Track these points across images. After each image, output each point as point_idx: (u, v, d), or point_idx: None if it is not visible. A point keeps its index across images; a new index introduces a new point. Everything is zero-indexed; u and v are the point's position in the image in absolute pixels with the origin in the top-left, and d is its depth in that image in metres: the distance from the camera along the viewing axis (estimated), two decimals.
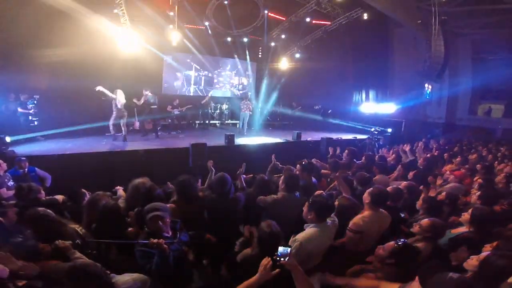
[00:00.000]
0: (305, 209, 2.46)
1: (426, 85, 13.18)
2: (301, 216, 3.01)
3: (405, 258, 1.90)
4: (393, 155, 5.86)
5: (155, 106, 8.88)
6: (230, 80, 14.49)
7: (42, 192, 3.39)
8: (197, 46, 11.85)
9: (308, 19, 11.85)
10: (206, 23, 11.95)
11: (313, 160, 4.42)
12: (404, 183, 3.56)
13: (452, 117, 13.15)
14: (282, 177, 3.18)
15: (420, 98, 13.35)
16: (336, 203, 2.80)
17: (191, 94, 13.15)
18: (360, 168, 4.26)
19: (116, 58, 9.42)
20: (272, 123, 13.79)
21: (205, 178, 4.02)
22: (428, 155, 5.83)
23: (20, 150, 6.25)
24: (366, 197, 2.76)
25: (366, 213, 2.73)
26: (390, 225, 2.82)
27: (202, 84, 13.59)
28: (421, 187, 3.40)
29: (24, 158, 4.62)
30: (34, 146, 6.93)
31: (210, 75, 13.67)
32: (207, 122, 11.95)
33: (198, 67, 13.24)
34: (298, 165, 3.81)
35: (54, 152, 6.27)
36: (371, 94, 14.45)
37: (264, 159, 5.62)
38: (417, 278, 1.62)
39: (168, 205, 2.83)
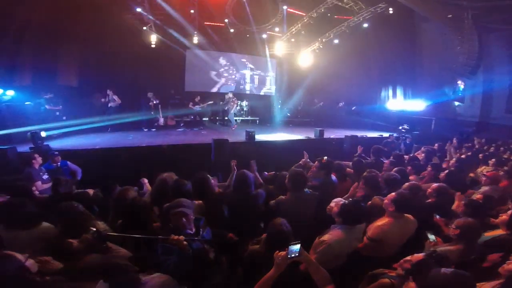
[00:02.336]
0: (334, 208, 2.41)
1: (459, 81, 12.41)
2: (315, 212, 2.96)
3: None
4: (423, 155, 5.54)
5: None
6: (247, 76, 14.45)
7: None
8: (216, 42, 11.94)
9: (329, 14, 11.52)
10: (226, 20, 11.99)
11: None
12: (434, 185, 3.35)
13: (486, 115, 12.29)
14: (287, 176, 3.09)
15: (452, 95, 12.60)
16: (369, 203, 2.71)
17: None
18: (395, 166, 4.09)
19: (138, 55, 9.70)
20: (292, 119, 13.58)
21: (225, 174, 4.04)
22: (463, 156, 5.47)
23: (54, 144, 6.61)
24: (388, 204, 2.55)
25: (386, 220, 2.54)
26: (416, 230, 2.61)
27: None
28: (457, 193, 3.19)
29: (57, 153, 4.88)
30: (67, 141, 7.31)
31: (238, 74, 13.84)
32: (227, 118, 12.06)
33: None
34: (316, 162, 3.77)
35: (84, 147, 6.60)
36: (398, 90, 13.78)
37: (285, 156, 5.56)
38: (411, 278, 1.61)
39: (196, 202, 2.87)
